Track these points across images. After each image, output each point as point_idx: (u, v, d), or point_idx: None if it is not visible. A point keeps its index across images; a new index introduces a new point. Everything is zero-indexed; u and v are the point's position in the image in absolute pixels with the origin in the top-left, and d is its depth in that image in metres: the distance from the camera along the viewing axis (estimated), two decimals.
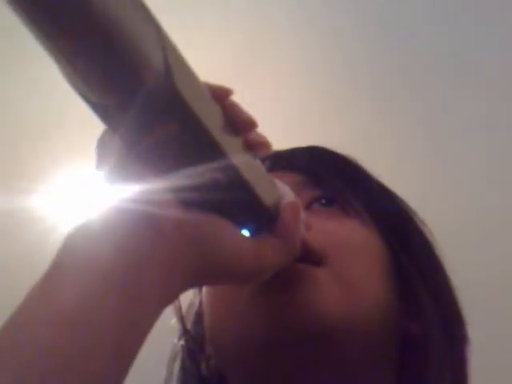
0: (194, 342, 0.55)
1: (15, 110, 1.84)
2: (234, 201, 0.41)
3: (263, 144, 0.42)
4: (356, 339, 0.47)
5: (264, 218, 0.44)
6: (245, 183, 0.41)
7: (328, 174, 0.55)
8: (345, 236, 0.51)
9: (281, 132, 0.44)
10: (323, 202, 0.54)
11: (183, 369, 0.56)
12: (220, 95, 0.39)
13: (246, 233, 0.43)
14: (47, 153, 1.86)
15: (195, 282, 0.41)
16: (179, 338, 0.57)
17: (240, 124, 0.40)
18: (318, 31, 1.72)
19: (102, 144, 0.39)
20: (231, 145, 0.39)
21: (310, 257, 0.47)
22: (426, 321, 0.51)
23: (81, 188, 1.88)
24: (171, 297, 0.38)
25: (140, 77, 0.32)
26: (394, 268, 0.52)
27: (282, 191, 0.47)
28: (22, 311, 0.32)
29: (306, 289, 0.46)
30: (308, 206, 0.52)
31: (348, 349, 0.47)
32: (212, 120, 0.38)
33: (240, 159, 0.40)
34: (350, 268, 0.49)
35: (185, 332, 0.56)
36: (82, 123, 1.75)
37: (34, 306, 0.32)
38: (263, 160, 0.47)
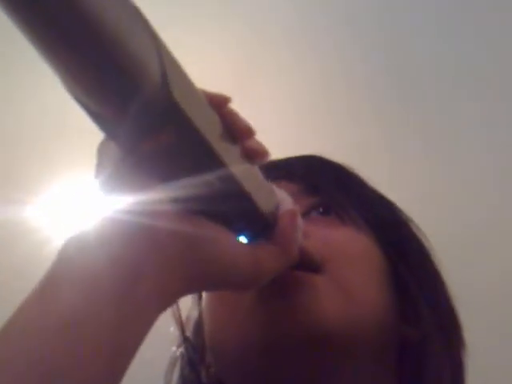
0: (194, 349, 0.55)
1: (10, 121, 1.84)
2: (232, 208, 0.41)
3: (261, 152, 0.42)
4: (355, 345, 0.47)
5: (261, 224, 0.44)
6: (242, 191, 0.41)
7: (325, 183, 0.55)
8: (343, 244, 0.51)
9: (278, 145, 0.44)
10: (320, 210, 0.54)
11: (182, 377, 0.56)
12: (218, 103, 0.39)
13: (243, 240, 0.43)
14: (42, 163, 1.86)
15: (192, 288, 0.41)
16: (178, 346, 0.57)
17: (238, 132, 0.40)
18: (316, 45, 1.73)
19: (103, 149, 0.39)
20: (229, 153, 0.39)
21: (308, 264, 0.47)
22: (424, 326, 0.51)
23: (76, 199, 1.88)
24: (168, 303, 0.38)
25: (137, 86, 0.32)
26: (392, 275, 0.52)
27: (281, 198, 0.47)
28: (18, 321, 0.32)
29: (305, 295, 0.46)
30: (305, 215, 0.52)
31: (347, 354, 0.47)
32: (210, 128, 0.37)
33: (237, 167, 0.40)
34: (349, 275, 0.49)
35: (184, 340, 0.56)
36: (77, 134, 1.76)
37: (30, 317, 0.32)
38: (259, 169, 0.47)
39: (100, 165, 0.39)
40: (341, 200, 0.54)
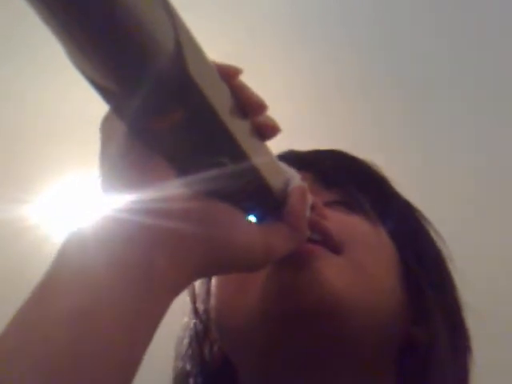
0: (202, 324, 0.55)
1: (8, 119, 1.83)
2: (242, 186, 0.40)
3: (273, 128, 0.41)
4: (364, 331, 0.47)
5: (271, 203, 0.43)
6: (254, 168, 0.39)
7: (344, 177, 0.55)
8: (361, 229, 0.51)
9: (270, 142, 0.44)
10: (337, 200, 0.54)
11: (190, 350, 0.56)
12: (228, 75, 0.38)
13: (252, 219, 0.42)
14: (41, 161, 1.85)
15: (203, 275, 0.40)
16: (189, 318, 0.57)
17: (250, 106, 0.39)
18: (307, 44, 1.72)
19: (108, 127, 0.37)
20: (240, 128, 0.38)
21: (327, 243, 0.47)
22: (433, 328, 0.51)
23: (75, 197, 1.87)
24: (178, 292, 0.37)
25: (150, 59, 0.31)
26: (405, 274, 0.52)
27: (289, 175, 0.45)
28: (20, 320, 0.31)
29: (318, 269, 0.45)
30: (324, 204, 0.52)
31: (354, 339, 0.47)
32: (222, 103, 0.36)
33: (249, 144, 0.38)
34: (366, 259, 0.49)
35: (194, 311, 0.56)
36: (76, 132, 1.75)
37: (33, 316, 0.31)
38: (279, 158, 0.47)
39: (105, 145, 0.37)
40: (355, 193, 0.54)
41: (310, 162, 0.54)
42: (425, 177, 1.61)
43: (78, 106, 1.76)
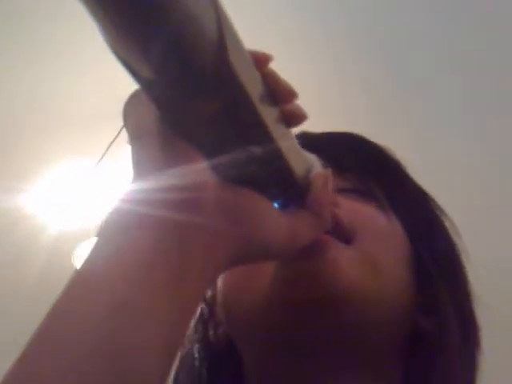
0: (208, 306, 0.55)
1: (1, 109, 1.83)
2: (269, 173, 0.40)
3: (302, 116, 0.41)
4: (373, 317, 0.46)
5: (295, 190, 0.43)
6: (281, 155, 0.39)
7: (357, 162, 0.55)
8: (372, 218, 0.51)
9: None
10: (348, 187, 0.53)
11: (196, 334, 0.55)
12: (260, 61, 0.38)
13: (276, 206, 0.42)
14: (35, 151, 1.85)
15: (231, 266, 0.40)
16: None
17: (281, 94, 0.39)
18: (309, 41, 1.74)
19: (135, 111, 0.37)
20: (270, 116, 0.38)
21: (339, 232, 0.47)
22: (440, 318, 0.50)
23: (70, 186, 1.87)
24: (206, 287, 0.37)
25: (191, 45, 0.30)
26: (415, 263, 0.51)
27: (312, 161, 0.45)
28: (62, 312, 0.30)
29: (328, 260, 0.45)
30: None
31: (361, 329, 0.46)
32: (256, 92, 0.36)
33: (278, 131, 0.39)
34: (377, 249, 0.48)
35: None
36: (72, 122, 1.75)
37: (76, 307, 0.30)
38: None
39: (135, 132, 0.36)
40: (368, 180, 0.54)
41: (322, 145, 0.53)
42: (424, 175, 1.62)
43: (74, 97, 1.76)
